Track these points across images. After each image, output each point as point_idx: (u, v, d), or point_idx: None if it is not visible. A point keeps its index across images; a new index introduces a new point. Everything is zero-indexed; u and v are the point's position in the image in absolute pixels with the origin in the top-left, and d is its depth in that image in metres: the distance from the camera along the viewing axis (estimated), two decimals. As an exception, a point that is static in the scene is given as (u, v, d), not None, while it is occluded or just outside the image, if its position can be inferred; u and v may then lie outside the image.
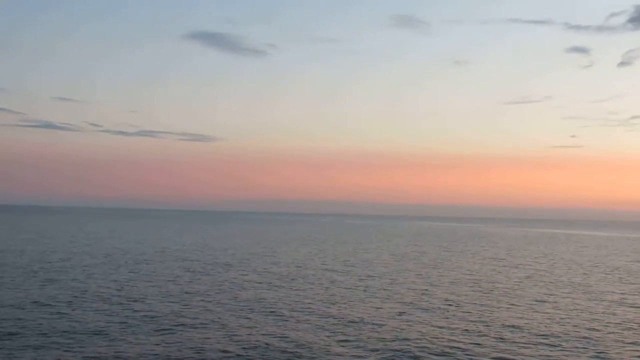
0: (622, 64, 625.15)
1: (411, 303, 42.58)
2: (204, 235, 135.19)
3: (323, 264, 69.97)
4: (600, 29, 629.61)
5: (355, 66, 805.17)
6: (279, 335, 31.35)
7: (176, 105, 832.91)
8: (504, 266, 72.69)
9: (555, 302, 44.51)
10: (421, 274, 61.56)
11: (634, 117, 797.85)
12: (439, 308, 40.71)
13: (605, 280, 59.75)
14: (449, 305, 41.99)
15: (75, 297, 42.10)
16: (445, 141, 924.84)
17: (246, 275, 57.67)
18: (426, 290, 49.35)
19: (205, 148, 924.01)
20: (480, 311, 39.60)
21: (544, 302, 44.52)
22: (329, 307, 39.99)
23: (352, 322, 35.17)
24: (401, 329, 33.33)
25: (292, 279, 55.10)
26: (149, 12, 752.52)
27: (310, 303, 41.64)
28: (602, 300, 45.77)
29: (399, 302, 43.01)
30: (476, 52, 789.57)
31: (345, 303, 41.91)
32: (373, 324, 34.74)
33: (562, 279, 59.59)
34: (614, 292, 50.61)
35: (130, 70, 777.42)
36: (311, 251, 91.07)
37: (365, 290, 48.45)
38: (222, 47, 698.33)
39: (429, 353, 28.48)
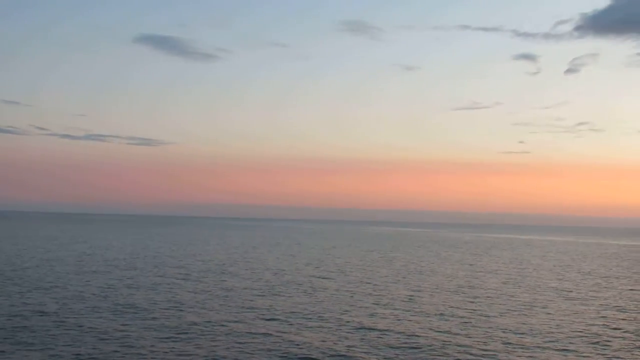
0: (569, 71, 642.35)
1: (405, 309, 42.42)
2: (166, 240, 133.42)
3: (311, 270, 69.47)
4: (547, 36, 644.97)
5: (307, 71, 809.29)
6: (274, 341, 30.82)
7: (125, 109, 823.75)
8: (479, 272, 73.19)
9: (544, 306, 44.81)
10: (400, 280, 61.71)
11: (580, 124, 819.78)
12: (437, 315, 40.59)
13: (584, 285, 60.58)
14: (445, 312, 41.92)
15: (71, 303, 40.82)
16: (395, 146, 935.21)
17: (243, 281, 56.93)
18: (412, 296, 49.30)
19: (155, 152, 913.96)
20: (476, 317, 39.60)
21: (534, 306, 44.85)
22: (343, 314, 39.59)
23: (359, 327, 34.80)
24: (402, 335, 33.08)
25: (275, 285, 54.53)
26: (99, 15, 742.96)
27: (305, 307, 41.20)
28: (590, 305, 46.31)
29: (395, 307, 42.81)
30: (427, 58, 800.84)
31: (355, 310, 41.52)
32: (371, 328, 34.46)
33: (540, 284, 60.21)
34: (596, 297, 51.28)
35: (79, 74, 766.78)
36: (290, 256, 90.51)
37: (352, 296, 48.20)
38: (172, 51, 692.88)
39: None
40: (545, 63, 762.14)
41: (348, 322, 36.68)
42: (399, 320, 37.79)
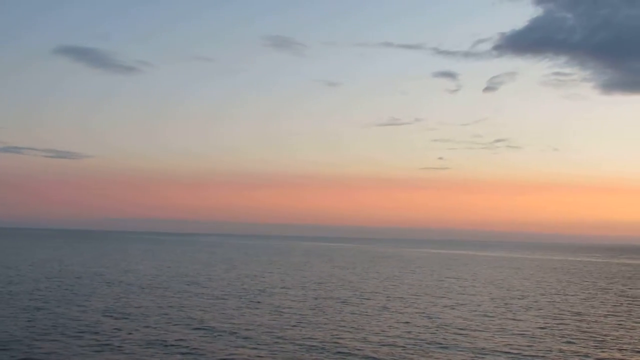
0: (488, 89, 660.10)
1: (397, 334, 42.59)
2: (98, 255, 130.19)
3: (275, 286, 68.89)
4: (467, 55, 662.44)
5: (233, 86, 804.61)
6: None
7: (44, 121, 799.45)
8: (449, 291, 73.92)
9: (553, 328, 45.61)
10: (369, 298, 61.73)
11: (497, 141, 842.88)
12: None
13: (564, 301, 62.10)
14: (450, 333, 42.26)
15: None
16: (318, 162, 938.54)
17: (211, 293, 55.99)
18: (408, 322, 49.33)
19: (75, 165, 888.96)
20: (481, 339, 40.09)
21: (542, 328, 45.41)
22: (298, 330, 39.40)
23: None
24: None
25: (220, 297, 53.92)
26: (17, 25, 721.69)
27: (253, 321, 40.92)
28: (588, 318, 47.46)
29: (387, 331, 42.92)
30: (349, 75, 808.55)
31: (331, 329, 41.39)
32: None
33: (523, 302, 60.54)
34: (591, 310, 52.64)
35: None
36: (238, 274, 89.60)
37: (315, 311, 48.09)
38: (93, 63, 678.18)
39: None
40: (464, 81, 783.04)
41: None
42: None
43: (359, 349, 32.12)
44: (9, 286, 58.97)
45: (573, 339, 36.89)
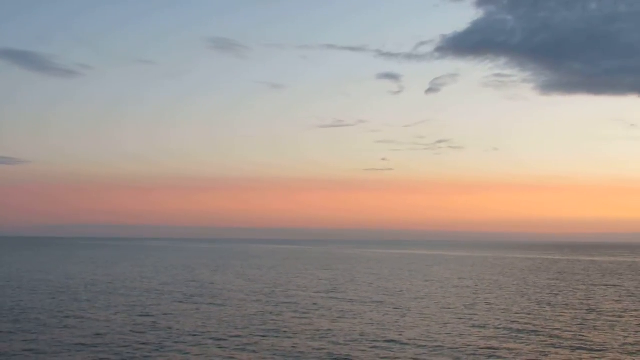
0: (430, 90, 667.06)
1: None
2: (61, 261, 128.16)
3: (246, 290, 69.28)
4: (409, 56, 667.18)
5: (176, 89, 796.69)
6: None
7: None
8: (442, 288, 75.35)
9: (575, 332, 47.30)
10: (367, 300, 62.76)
11: (439, 141, 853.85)
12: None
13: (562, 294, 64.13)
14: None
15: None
16: (263, 164, 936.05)
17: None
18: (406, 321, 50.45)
19: (15, 171, 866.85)
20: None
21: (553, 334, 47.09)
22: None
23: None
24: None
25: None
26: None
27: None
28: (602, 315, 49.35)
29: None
30: (293, 77, 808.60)
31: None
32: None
33: (520, 303, 62.77)
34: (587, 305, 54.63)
35: None
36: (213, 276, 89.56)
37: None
38: (30, 66, 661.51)
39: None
40: (407, 82, 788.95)
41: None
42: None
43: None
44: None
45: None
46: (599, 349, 34.14)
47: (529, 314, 47.86)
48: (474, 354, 32.31)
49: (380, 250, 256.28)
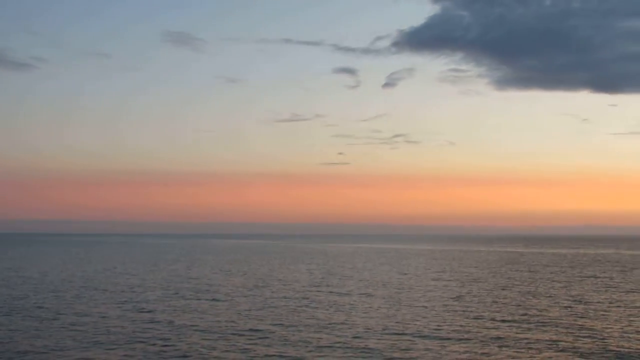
0: (387, 85, 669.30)
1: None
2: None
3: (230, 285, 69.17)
4: (366, 51, 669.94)
5: (131, 83, 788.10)
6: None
7: None
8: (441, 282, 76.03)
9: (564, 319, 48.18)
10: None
11: (396, 136, 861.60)
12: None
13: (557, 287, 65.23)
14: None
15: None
16: (219, 159, 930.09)
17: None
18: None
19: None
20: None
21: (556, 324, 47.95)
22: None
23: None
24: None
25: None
26: None
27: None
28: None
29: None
30: (250, 71, 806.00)
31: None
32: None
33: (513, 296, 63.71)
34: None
35: None
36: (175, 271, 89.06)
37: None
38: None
39: None
40: (364, 77, 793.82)
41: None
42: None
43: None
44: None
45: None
46: (599, 336, 35.06)
47: (518, 305, 48.83)
48: (485, 344, 32.98)
49: (343, 245, 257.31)
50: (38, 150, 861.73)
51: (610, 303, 50.10)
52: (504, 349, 31.87)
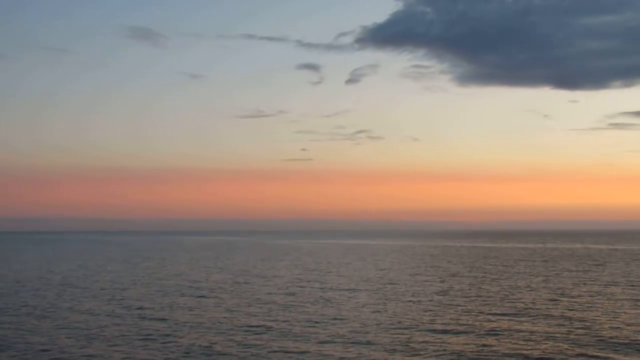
0: (350, 81, 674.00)
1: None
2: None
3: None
4: (329, 47, 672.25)
5: (93, 79, 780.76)
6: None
7: None
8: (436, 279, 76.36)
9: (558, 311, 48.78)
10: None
11: (359, 132, 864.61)
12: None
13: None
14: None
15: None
16: (181, 155, 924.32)
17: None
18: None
19: None
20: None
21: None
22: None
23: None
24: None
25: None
26: None
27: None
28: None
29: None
30: (212, 67, 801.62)
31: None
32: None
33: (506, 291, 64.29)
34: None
35: None
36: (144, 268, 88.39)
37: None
38: None
39: None
40: (327, 73, 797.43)
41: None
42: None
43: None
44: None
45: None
46: (592, 327, 35.76)
47: (504, 299, 49.46)
48: (482, 336, 33.45)
49: (312, 241, 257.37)
50: (4, 147, 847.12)
51: (592, 296, 51.01)
52: (502, 341, 32.37)
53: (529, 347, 30.72)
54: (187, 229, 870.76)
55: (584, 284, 61.10)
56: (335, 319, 39.54)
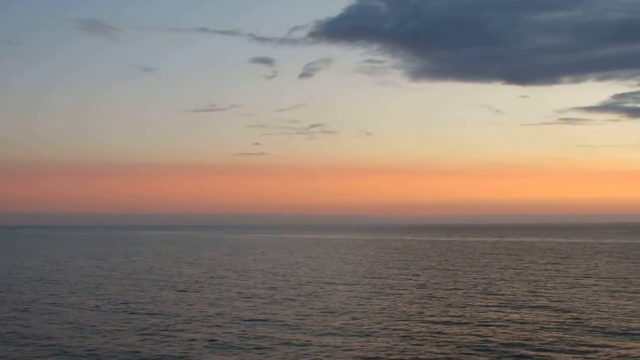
0: (303, 75, 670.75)
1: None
2: None
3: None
4: (283, 41, 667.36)
5: (42, 71, 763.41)
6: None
7: None
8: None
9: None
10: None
11: (313, 126, 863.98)
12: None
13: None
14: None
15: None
16: (132, 149, 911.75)
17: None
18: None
19: None
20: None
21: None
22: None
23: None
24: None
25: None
26: None
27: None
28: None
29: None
30: (164, 60, 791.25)
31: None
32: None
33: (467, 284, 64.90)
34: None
35: None
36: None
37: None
38: None
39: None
40: (281, 67, 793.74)
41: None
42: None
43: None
44: None
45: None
46: (583, 316, 36.67)
47: (486, 291, 50.25)
48: (481, 326, 34.04)
49: (271, 235, 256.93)
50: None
51: (570, 287, 52.20)
52: (497, 331, 33.00)
53: (525, 337, 31.35)
54: (136, 223, 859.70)
55: (557, 276, 62.35)
56: (325, 312, 39.72)
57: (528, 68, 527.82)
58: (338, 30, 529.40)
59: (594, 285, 54.02)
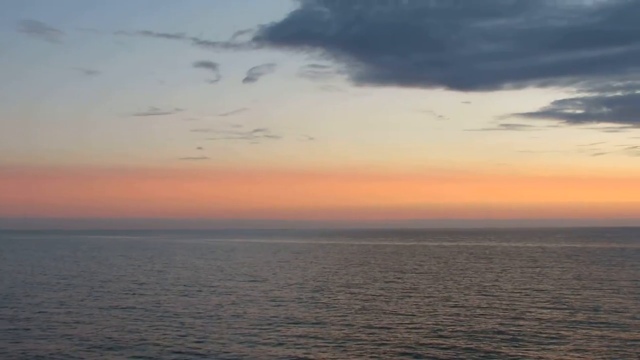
0: (247, 79, 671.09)
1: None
2: None
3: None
4: (227, 45, 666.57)
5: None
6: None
7: None
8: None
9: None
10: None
11: (256, 131, 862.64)
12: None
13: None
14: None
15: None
16: (70, 152, 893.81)
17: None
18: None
19: None
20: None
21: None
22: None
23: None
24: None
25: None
26: None
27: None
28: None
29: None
30: (107, 63, 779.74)
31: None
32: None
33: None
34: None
35: None
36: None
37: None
38: None
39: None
40: (224, 71, 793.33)
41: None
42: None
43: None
44: None
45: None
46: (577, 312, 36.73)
47: (480, 295, 50.08)
48: (476, 335, 33.75)
49: (218, 240, 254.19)
50: None
51: (562, 289, 52.45)
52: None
53: (545, 329, 31.16)
54: (79, 228, 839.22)
55: (540, 280, 62.13)
56: (322, 318, 38.97)
57: (470, 74, 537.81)
58: (282, 35, 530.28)
59: (583, 287, 54.55)
